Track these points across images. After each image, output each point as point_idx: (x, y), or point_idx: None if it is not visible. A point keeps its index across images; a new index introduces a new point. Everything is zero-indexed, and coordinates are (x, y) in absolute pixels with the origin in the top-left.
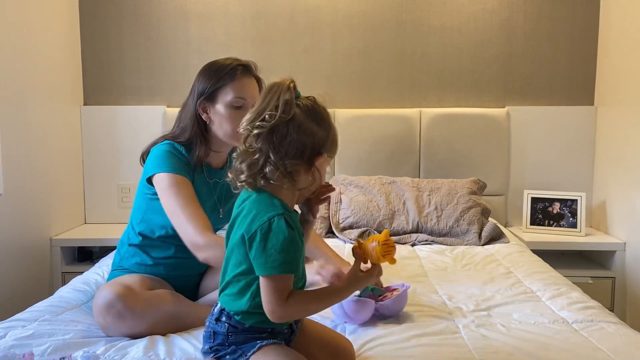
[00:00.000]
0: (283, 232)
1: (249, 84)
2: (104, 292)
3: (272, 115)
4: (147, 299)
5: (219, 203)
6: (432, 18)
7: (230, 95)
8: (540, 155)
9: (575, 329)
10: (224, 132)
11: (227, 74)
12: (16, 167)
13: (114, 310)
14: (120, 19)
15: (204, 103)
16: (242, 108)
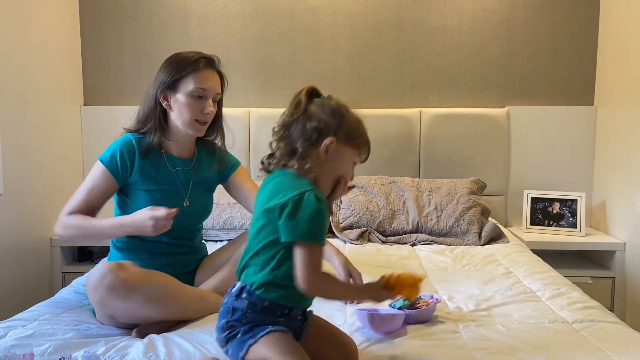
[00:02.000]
0: (312, 205)
1: (211, 76)
2: (96, 269)
3: (290, 114)
4: (139, 272)
5: (184, 191)
6: (432, 18)
7: (192, 85)
8: (540, 155)
9: (575, 329)
10: (182, 120)
11: (190, 64)
12: (16, 167)
13: (105, 281)
14: (120, 19)
15: (165, 91)
16: (202, 98)
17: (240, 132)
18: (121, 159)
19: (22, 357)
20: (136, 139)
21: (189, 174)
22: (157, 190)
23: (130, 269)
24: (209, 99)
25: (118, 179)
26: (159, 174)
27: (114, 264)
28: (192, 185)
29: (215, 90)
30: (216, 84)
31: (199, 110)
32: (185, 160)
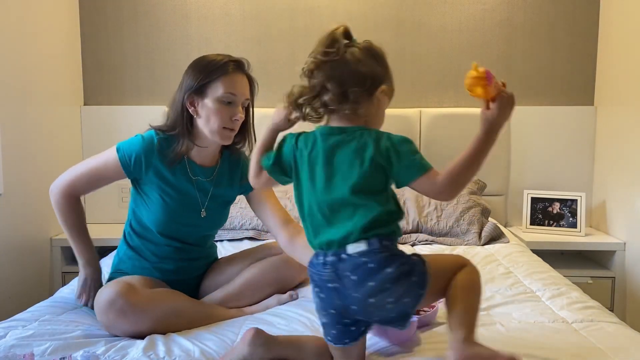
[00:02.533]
0: (406, 139)
1: (240, 80)
2: (105, 290)
3: (324, 53)
4: (148, 295)
5: (202, 203)
6: (432, 18)
7: (221, 90)
8: (540, 155)
9: (575, 329)
10: (211, 127)
11: (219, 68)
12: (16, 167)
13: (115, 307)
14: (120, 19)
15: (192, 96)
16: (231, 104)
17: None
18: (136, 159)
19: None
20: (159, 140)
21: (209, 184)
22: (172, 196)
23: (141, 293)
24: (239, 105)
25: (128, 173)
26: (177, 180)
27: (123, 286)
28: (210, 196)
29: (244, 95)
30: (245, 89)
31: (228, 116)
32: (207, 170)
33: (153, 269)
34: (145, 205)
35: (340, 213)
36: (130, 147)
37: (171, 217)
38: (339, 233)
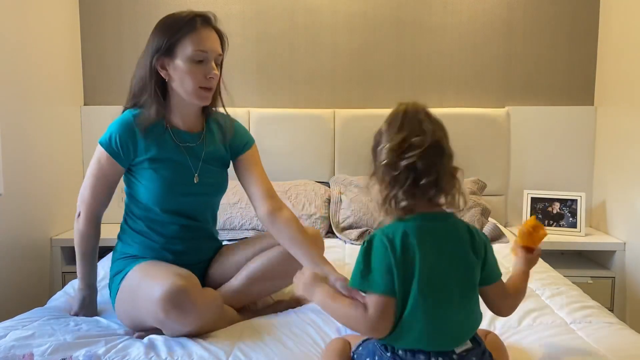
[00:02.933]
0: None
1: (209, 35)
2: (161, 284)
3: (422, 140)
4: (202, 292)
5: (194, 167)
6: (432, 18)
7: (190, 48)
8: (540, 155)
9: (574, 329)
10: (185, 89)
11: (185, 25)
12: (16, 167)
13: (178, 302)
14: (120, 19)
15: (161, 59)
16: (203, 62)
17: None
18: (121, 142)
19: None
20: (135, 116)
21: (198, 148)
22: (164, 167)
23: (197, 287)
24: (211, 62)
25: (121, 162)
26: (165, 149)
27: (182, 280)
28: (202, 160)
29: (216, 51)
30: (216, 44)
31: (202, 75)
32: (194, 135)
33: (161, 249)
34: (140, 184)
35: None
36: (111, 135)
37: (168, 189)
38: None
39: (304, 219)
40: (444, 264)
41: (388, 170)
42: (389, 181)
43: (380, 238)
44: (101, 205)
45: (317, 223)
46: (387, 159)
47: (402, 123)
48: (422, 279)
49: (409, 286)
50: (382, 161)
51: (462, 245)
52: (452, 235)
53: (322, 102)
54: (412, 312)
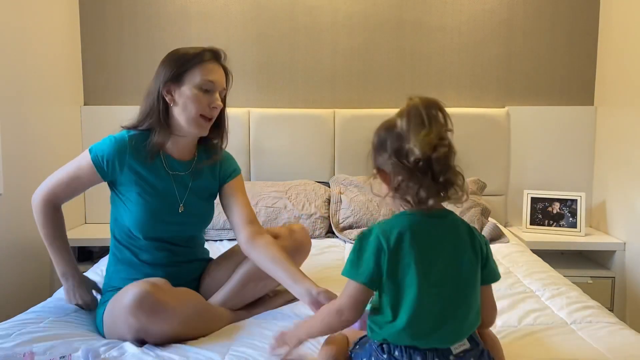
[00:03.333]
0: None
1: (217, 69)
2: (130, 292)
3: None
4: (175, 292)
5: (180, 197)
6: (432, 18)
7: (198, 77)
8: (540, 155)
9: (574, 329)
10: (187, 115)
11: (196, 56)
12: (16, 167)
13: (146, 306)
14: (120, 19)
15: (169, 85)
16: (209, 92)
17: (240, 132)
18: (109, 160)
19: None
20: (130, 137)
21: (186, 178)
22: (150, 193)
23: (168, 290)
24: (216, 93)
25: (103, 175)
26: (154, 176)
27: (150, 286)
28: (189, 189)
29: (222, 85)
30: (222, 78)
31: (206, 104)
32: (184, 163)
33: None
34: (125, 207)
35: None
36: (103, 148)
37: (152, 216)
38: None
39: (304, 219)
40: (442, 260)
41: (408, 164)
42: (407, 176)
43: (376, 233)
44: (62, 199)
45: (317, 223)
46: (420, 153)
47: (428, 117)
48: (419, 274)
49: (404, 280)
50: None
51: (461, 243)
52: (452, 233)
53: (322, 102)
54: (409, 307)
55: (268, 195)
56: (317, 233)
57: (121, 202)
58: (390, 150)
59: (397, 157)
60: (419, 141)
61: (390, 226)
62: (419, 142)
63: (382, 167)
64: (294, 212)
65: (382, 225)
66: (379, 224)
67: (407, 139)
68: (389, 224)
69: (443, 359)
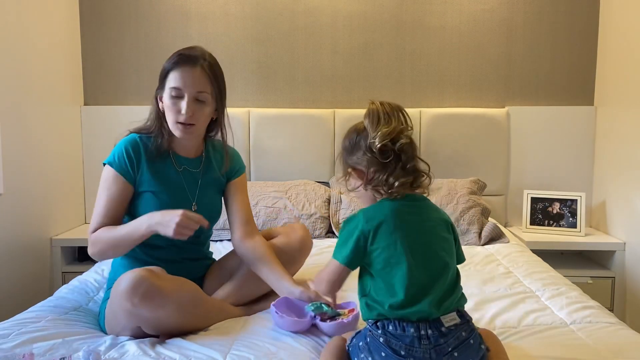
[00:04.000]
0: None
1: (189, 73)
2: (126, 276)
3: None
4: (171, 278)
5: (192, 195)
6: (432, 18)
7: (170, 83)
8: (540, 155)
9: (574, 329)
10: (168, 122)
11: (171, 59)
12: (16, 167)
13: (141, 289)
14: (120, 19)
15: (159, 91)
16: (179, 98)
17: (240, 132)
18: (128, 159)
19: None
20: (141, 138)
21: (196, 175)
22: (164, 192)
23: (163, 276)
24: (187, 99)
25: (130, 180)
26: (166, 174)
27: (146, 271)
28: (199, 187)
29: (194, 88)
30: (196, 82)
31: (177, 111)
32: (193, 160)
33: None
34: (138, 205)
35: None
36: (117, 153)
37: None
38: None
39: (304, 219)
40: (424, 236)
41: (379, 157)
42: (379, 167)
43: (360, 217)
44: (117, 224)
45: (317, 223)
46: (380, 144)
47: (387, 116)
48: (406, 250)
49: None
50: (375, 146)
51: (438, 222)
52: (429, 213)
53: (322, 102)
54: (401, 281)
55: (268, 195)
56: (317, 233)
57: (136, 203)
58: (364, 148)
59: (370, 152)
60: (378, 134)
61: (373, 211)
62: (379, 135)
63: (356, 165)
64: (294, 212)
65: (365, 210)
66: (363, 210)
67: (370, 135)
68: (372, 209)
69: (435, 330)
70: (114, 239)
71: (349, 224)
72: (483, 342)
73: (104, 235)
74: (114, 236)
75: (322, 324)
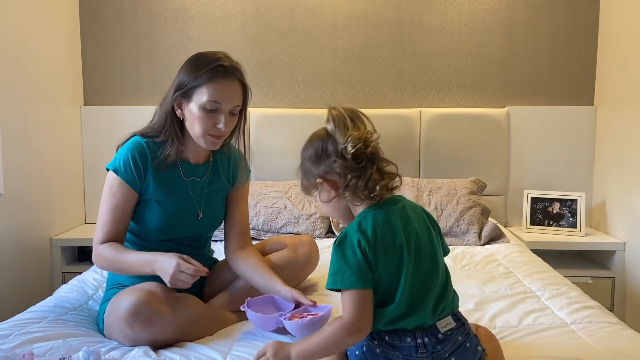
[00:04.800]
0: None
1: (229, 87)
2: (126, 300)
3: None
4: (172, 300)
5: (198, 203)
6: (432, 18)
7: (205, 97)
8: (540, 155)
9: (574, 329)
10: (195, 133)
11: (207, 72)
12: (16, 167)
13: (141, 316)
14: (120, 19)
15: (179, 99)
16: (216, 112)
17: None
18: (135, 167)
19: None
20: (147, 143)
21: (203, 182)
22: (170, 202)
23: (163, 299)
24: (224, 113)
25: (136, 187)
26: (172, 184)
27: (146, 295)
28: (206, 195)
29: (232, 103)
30: (235, 96)
31: (212, 124)
32: (200, 167)
33: (152, 277)
34: (142, 212)
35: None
36: (123, 159)
37: (169, 223)
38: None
39: (304, 219)
40: (415, 239)
41: (352, 163)
42: (355, 173)
43: (352, 234)
44: (118, 236)
45: (317, 223)
46: (353, 149)
47: (352, 120)
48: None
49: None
50: (348, 152)
51: (423, 221)
52: (413, 213)
53: (322, 102)
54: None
55: (268, 195)
56: (317, 233)
57: (141, 210)
58: (334, 154)
59: (342, 158)
60: (349, 139)
61: (361, 224)
62: (351, 139)
63: (326, 174)
64: (293, 212)
65: (353, 226)
66: (350, 227)
67: (338, 141)
68: (358, 223)
69: (431, 337)
70: (116, 264)
71: (343, 245)
72: (479, 343)
73: (108, 255)
74: (117, 262)
75: (286, 322)
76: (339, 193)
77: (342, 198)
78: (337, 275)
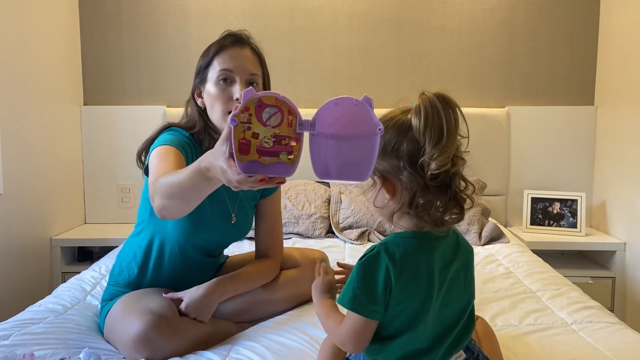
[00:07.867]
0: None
1: (240, 53)
2: (136, 324)
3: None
4: (181, 327)
5: (231, 207)
6: (432, 18)
7: (217, 68)
8: (540, 155)
9: (575, 329)
10: (215, 116)
11: (215, 44)
12: (16, 167)
13: (151, 343)
14: (120, 19)
15: (198, 87)
16: (230, 82)
17: None
18: (187, 145)
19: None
20: (187, 137)
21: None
22: (204, 203)
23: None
24: (239, 83)
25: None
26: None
27: (154, 318)
28: (239, 199)
29: (247, 70)
30: (247, 63)
31: (228, 97)
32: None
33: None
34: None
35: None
36: (168, 137)
37: (199, 224)
38: None
39: (304, 219)
40: (449, 281)
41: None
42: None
43: (382, 259)
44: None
45: (317, 223)
46: (436, 167)
47: (447, 122)
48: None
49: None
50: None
51: (464, 262)
52: (456, 253)
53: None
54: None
55: None
56: (317, 233)
57: None
58: (405, 158)
59: (412, 167)
60: (439, 155)
61: (399, 252)
62: (441, 157)
63: (387, 175)
64: (294, 212)
65: (389, 249)
66: (386, 247)
67: (424, 148)
68: (396, 248)
69: None
70: (171, 184)
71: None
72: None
73: (165, 181)
74: (172, 180)
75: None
76: (399, 206)
77: (404, 212)
78: (352, 297)
